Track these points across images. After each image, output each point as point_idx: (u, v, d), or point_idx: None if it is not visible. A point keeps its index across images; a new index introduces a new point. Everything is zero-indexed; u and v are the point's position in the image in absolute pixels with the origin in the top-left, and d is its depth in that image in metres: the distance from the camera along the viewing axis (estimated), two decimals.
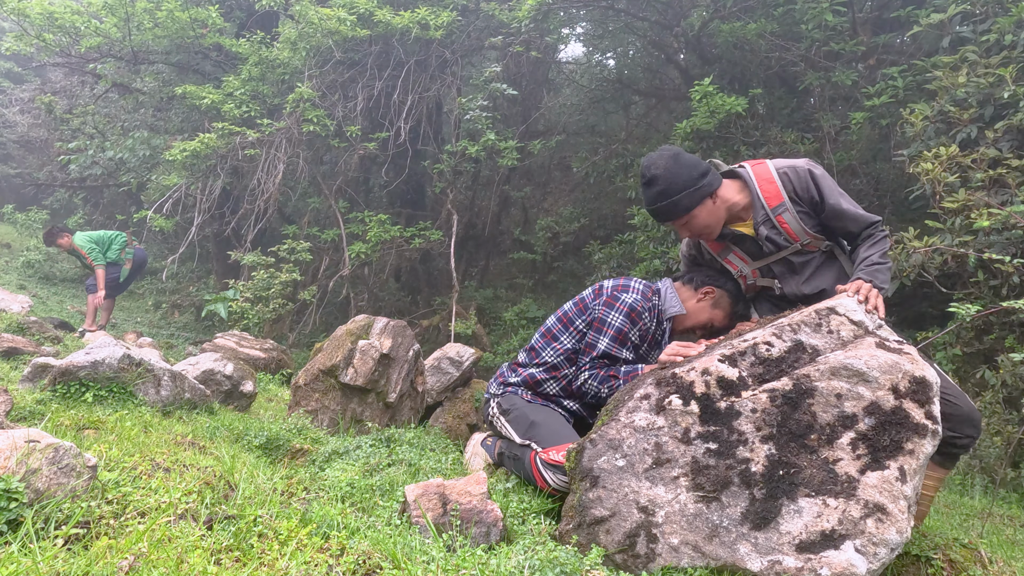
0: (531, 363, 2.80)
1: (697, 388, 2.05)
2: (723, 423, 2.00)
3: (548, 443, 2.47)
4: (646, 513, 1.96)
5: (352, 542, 1.71)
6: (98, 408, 2.86)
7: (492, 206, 11.13)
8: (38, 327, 5.93)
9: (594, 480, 2.04)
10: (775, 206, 2.51)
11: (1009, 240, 4.55)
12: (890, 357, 1.98)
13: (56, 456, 1.66)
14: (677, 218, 2.51)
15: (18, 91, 14.95)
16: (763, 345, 2.09)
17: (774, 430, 1.97)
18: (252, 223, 9.14)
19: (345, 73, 9.28)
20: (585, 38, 11.28)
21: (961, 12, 5.63)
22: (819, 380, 2.00)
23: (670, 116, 10.14)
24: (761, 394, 2.01)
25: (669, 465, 2.00)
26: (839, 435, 1.95)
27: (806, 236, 2.52)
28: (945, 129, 5.32)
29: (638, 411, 2.07)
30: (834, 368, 2.00)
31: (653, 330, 2.71)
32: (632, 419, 2.06)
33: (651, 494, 1.98)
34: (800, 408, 1.98)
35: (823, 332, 2.09)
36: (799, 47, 7.64)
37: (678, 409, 2.03)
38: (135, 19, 9.85)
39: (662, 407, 2.05)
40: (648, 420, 2.05)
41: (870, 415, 1.95)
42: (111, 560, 1.43)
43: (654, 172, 2.50)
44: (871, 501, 1.86)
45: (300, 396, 3.97)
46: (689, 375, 2.07)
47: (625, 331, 2.62)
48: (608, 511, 1.99)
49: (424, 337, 9.17)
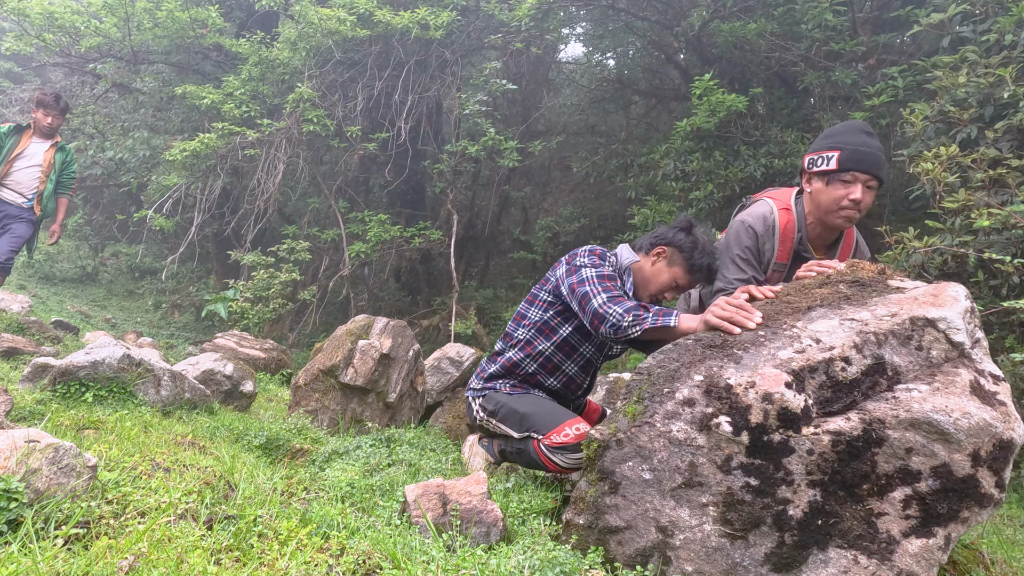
0: (507, 347, 2.78)
1: (753, 416, 1.72)
2: (771, 458, 1.72)
3: (546, 428, 2.47)
4: (664, 534, 1.79)
5: (352, 542, 1.71)
6: (98, 408, 2.86)
7: (492, 206, 11.13)
8: (38, 327, 5.93)
9: (614, 485, 1.85)
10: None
11: (1009, 240, 4.55)
12: (983, 416, 1.67)
13: (56, 456, 1.66)
14: (883, 179, 2.41)
15: (18, 91, 14.93)
16: (839, 362, 1.75)
17: (826, 477, 1.71)
18: (252, 223, 9.14)
19: (345, 73, 9.28)
20: (585, 38, 11.28)
21: (961, 12, 5.62)
22: (893, 430, 1.69)
23: (670, 116, 10.14)
24: (824, 435, 1.70)
25: (700, 489, 1.76)
26: (893, 488, 1.70)
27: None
28: (945, 129, 5.31)
29: (677, 419, 1.79)
30: (915, 420, 1.68)
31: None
32: (669, 428, 1.79)
33: (674, 515, 1.78)
34: (862, 457, 1.70)
35: (911, 348, 1.78)
36: (799, 47, 7.64)
37: (725, 435, 1.73)
38: (135, 19, 9.85)
39: (707, 426, 1.76)
40: (687, 434, 1.78)
41: (936, 477, 1.68)
42: (111, 560, 1.43)
43: (871, 130, 2.48)
44: (906, 571, 1.67)
45: (300, 396, 3.97)
46: (747, 396, 1.74)
47: (596, 262, 2.55)
48: (624, 523, 1.83)
49: (424, 337, 9.17)
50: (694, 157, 7.76)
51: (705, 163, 7.63)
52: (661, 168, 8.09)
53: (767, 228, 2.57)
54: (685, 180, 7.84)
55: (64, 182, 5.95)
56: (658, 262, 2.66)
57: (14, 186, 5.69)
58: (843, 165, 2.39)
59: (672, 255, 2.64)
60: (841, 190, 2.41)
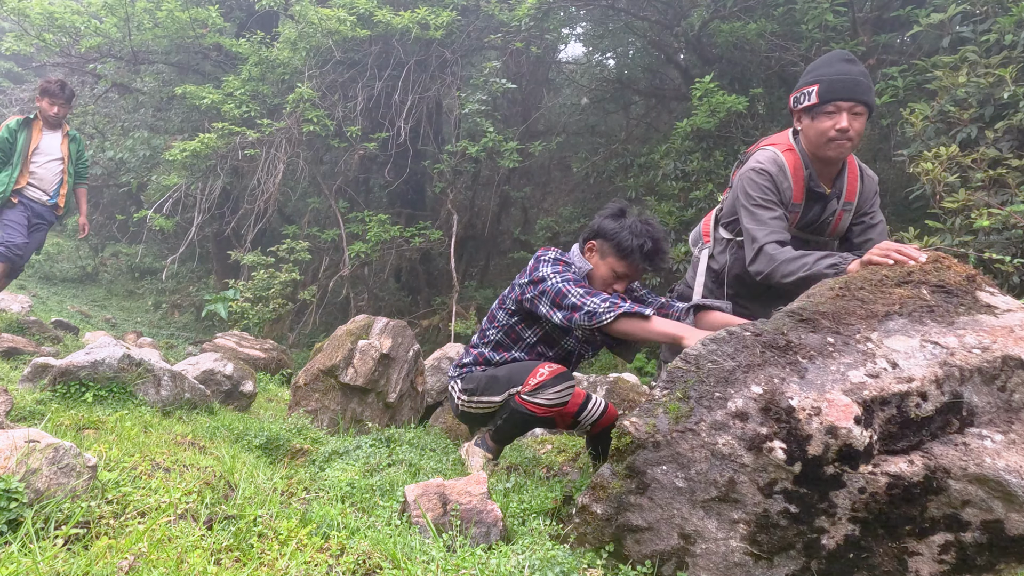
0: (480, 343, 2.82)
1: (811, 448, 1.56)
2: (819, 489, 1.59)
3: (523, 379, 2.51)
4: (686, 541, 1.70)
5: (352, 542, 1.71)
6: (98, 408, 2.86)
7: (492, 206, 11.13)
8: (38, 327, 5.93)
9: (643, 486, 1.73)
10: (848, 200, 2.56)
11: (1009, 240, 4.55)
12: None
13: (56, 456, 1.66)
14: (862, 101, 2.38)
15: (18, 91, 14.93)
16: (915, 397, 1.59)
17: (871, 516, 1.58)
18: (252, 223, 9.14)
19: (345, 73, 9.28)
20: (585, 38, 11.28)
21: (961, 12, 5.62)
22: (957, 480, 1.55)
23: (670, 116, 10.14)
24: (881, 477, 1.56)
25: (734, 506, 1.64)
26: (935, 532, 1.58)
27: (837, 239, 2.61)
28: (945, 129, 5.31)
29: (725, 432, 1.63)
30: (983, 476, 1.53)
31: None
32: (715, 440, 1.64)
33: (700, 525, 1.68)
34: (916, 503, 1.57)
35: (993, 388, 1.63)
36: (799, 47, 7.64)
37: (775, 460, 1.58)
38: (135, 19, 9.85)
39: (758, 447, 1.60)
40: (733, 450, 1.63)
41: (985, 531, 1.55)
42: (111, 560, 1.43)
43: (854, 57, 2.46)
44: None
45: (300, 396, 3.97)
46: (810, 425, 1.57)
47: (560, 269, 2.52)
48: (646, 524, 1.74)
49: (424, 337, 9.17)
50: (694, 157, 7.77)
51: (705, 163, 7.63)
52: (661, 168, 8.09)
53: (779, 169, 2.53)
54: (685, 180, 7.84)
55: (80, 172, 5.76)
56: (590, 256, 2.61)
57: (37, 183, 5.45)
58: (823, 97, 2.40)
59: (601, 246, 2.58)
60: (827, 122, 2.41)
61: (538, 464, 3.25)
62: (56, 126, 5.52)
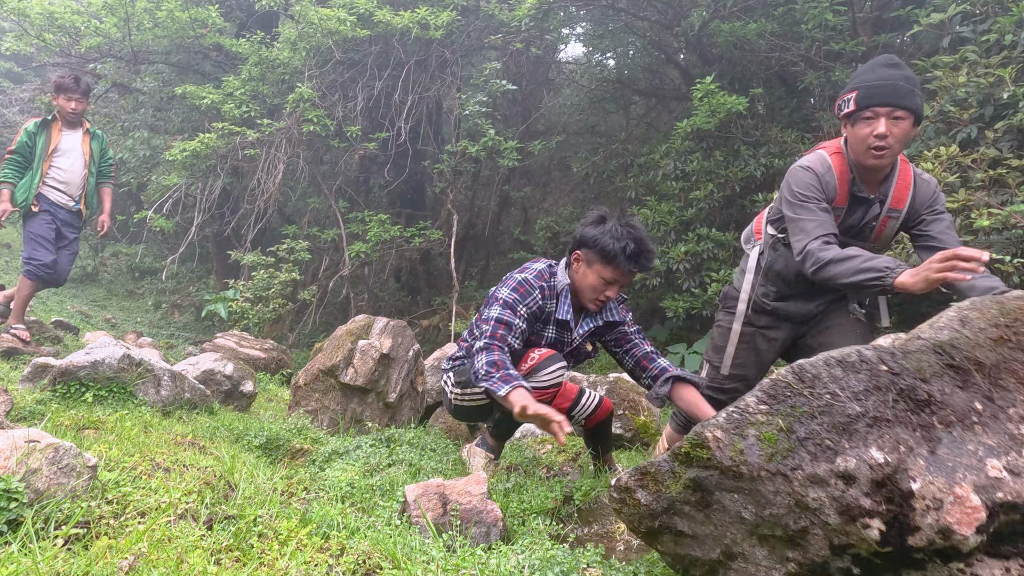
0: (470, 337, 2.82)
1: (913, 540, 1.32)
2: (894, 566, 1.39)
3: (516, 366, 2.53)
4: (727, 557, 1.57)
5: (352, 542, 1.71)
6: (98, 408, 2.86)
7: (492, 206, 11.13)
8: (38, 327, 5.93)
9: (704, 504, 1.57)
10: (894, 208, 2.53)
11: (1009, 240, 4.55)
12: None
13: (56, 456, 1.66)
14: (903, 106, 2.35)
15: (18, 91, 14.94)
16: None
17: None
18: (252, 223, 9.14)
19: (345, 73, 9.28)
20: (585, 38, 11.27)
21: (961, 12, 5.63)
22: None
23: (670, 116, 10.14)
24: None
25: (795, 550, 1.46)
26: None
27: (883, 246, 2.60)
28: (945, 129, 5.31)
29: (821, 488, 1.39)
30: None
31: (545, 307, 2.61)
32: (806, 492, 1.40)
33: (749, 550, 1.54)
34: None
35: None
36: (799, 47, 7.64)
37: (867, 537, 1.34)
38: (135, 19, 9.85)
39: (852, 517, 1.36)
40: (820, 506, 1.39)
41: None
42: (111, 560, 1.43)
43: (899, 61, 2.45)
44: None
45: (300, 396, 3.97)
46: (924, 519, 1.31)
47: (511, 301, 2.52)
48: (691, 533, 1.62)
49: (424, 337, 9.17)
50: (694, 157, 7.77)
51: (705, 163, 7.63)
52: (661, 168, 8.09)
53: (826, 169, 2.53)
54: (685, 180, 7.85)
55: (104, 171, 5.41)
56: (578, 267, 2.59)
57: (61, 187, 5.09)
58: (860, 104, 2.40)
59: (586, 255, 2.56)
60: (865, 128, 2.40)
61: (538, 464, 3.25)
62: (76, 124, 5.18)
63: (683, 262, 7.28)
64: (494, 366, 2.32)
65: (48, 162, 5.04)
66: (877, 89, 2.37)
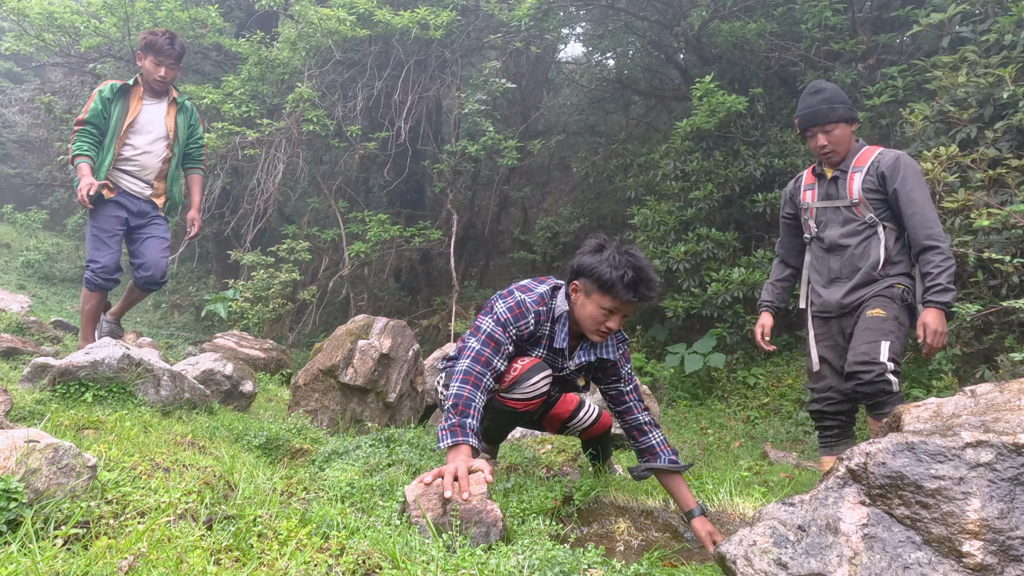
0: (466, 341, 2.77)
1: None
2: None
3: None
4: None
5: (352, 542, 1.71)
6: (98, 408, 2.86)
7: (492, 206, 11.13)
8: (38, 327, 5.93)
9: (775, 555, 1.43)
10: (856, 166, 3.08)
11: (1009, 240, 4.55)
12: None
13: (56, 456, 1.66)
14: (828, 122, 3.05)
15: (18, 91, 14.94)
16: None
17: None
18: (252, 223, 9.14)
19: (345, 73, 9.28)
20: (585, 38, 11.28)
21: (961, 12, 5.63)
22: None
23: (670, 116, 10.14)
24: None
25: None
26: None
27: (856, 198, 3.06)
28: (945, 129, 5.31)
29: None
30: None
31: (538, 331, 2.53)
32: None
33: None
34: None
35: None
36: (799, 47, 7.64)
37: None
38: (135, 19, 9.85)
39: None
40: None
41: None
42: (111, 560, 1.43)
43: (823, 86, 3.15)
44: None
45: (300, 396, 3.97)
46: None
47: (504, 321, 2.45)
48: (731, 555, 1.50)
49: (424, 337, 9.17)
50: (694, 157, 7.77)
51: (705, 163, 7.63)
52: (661, 168, 8.09)
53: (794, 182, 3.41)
54: (685, 180, 7.85)
55: (193, 154, 4.49)
56: (577, 297, 2.50)
57: (136, 171, 4.19)
58: (800, 129, 3.20)
59: (585, 285, 2.45)
60: (812, 142, 3.15)
61: (538, 464, 3.25)
62: (162, 94, 4.27)
63: (683, 262, 7.28)
64: (456, 408, 2.25)
65: (122, 139, 4.12)
66: (804, 116, 3.14)
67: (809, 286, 3.29)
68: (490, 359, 2.38)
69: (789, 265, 3.46)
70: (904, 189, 2.93)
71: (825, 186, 3.18)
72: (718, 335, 7.03)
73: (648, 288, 2.40)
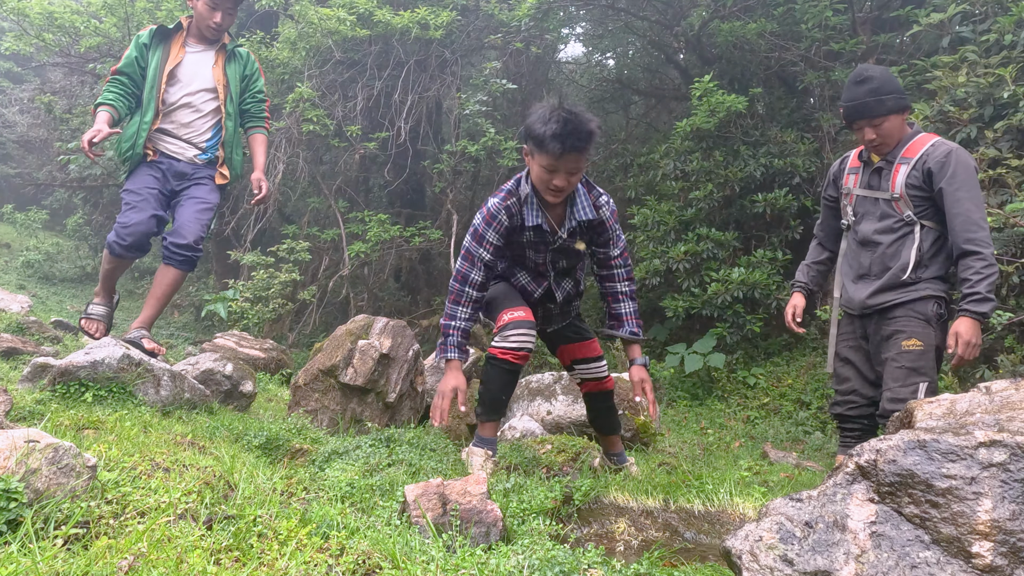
0: None
1: None
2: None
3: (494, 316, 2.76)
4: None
5: (352, 542, 1.71)
6: (98, 408, 2.86)
7: None
8: (38, 327, 5.93)
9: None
10: (904, 157, 2.88)
11: (1009, 239, 4.55)
12: None
13: (56, 456, 1.66)
14: (877, 116, 2.83)
15: (18, 91, 14.95)
16: None
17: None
18: (252, 223, 9.14)
19: (345, 73, 9.28)
20: (585, 38, 11.28)
21: (961, 12, 5.63)
22: None
23: (670, 116, 10.14)
24: None
25: None
26: None
27: (898, 194, 2.89)
28: (945, 129, 5.31)
29: None
30: None
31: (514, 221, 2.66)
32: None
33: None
34: None
35: None
36: (799, 47, 7.64)
37: None
38: (135, 19, 9.85)
39: None
40: None
41: None
42: (111, 560, 1.43)
43: (870, 73, 2.89)
44: None
45: (300, 396, 3.97)
46: None
47: (481, 231, 2.66)
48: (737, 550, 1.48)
49: (424, 337, 9.17)
50: (694, 157, 7.77)
51: (705, 163, 7.63)
52: (661, 168, 8.09)
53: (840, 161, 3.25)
54: (685, 180, 7.85)
55: (251, 110, 3.83)
56: (530, 163, 2.58)
57: (178, 130, 3.59)
58: (846, 121, 2.98)
59: (529, 147, 2.54)
60: (859, 135, 2.95)
61: (538, 464, 3.25)
62: (213, 42, 3.72)
63: (683, 262, 7.28)
64: (448, 329, 2.67)
65: (162, 93, 3.55)
66: (851, 109, 2.91)
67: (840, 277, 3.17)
68: (467, 274, 2.68)
69: (827, 248, 3.29)
70: (951, 188, 2.74)
71: (868, 175, 3.01)
72: (718, 335, 7.03)
73: (577, 139, 2.39)
